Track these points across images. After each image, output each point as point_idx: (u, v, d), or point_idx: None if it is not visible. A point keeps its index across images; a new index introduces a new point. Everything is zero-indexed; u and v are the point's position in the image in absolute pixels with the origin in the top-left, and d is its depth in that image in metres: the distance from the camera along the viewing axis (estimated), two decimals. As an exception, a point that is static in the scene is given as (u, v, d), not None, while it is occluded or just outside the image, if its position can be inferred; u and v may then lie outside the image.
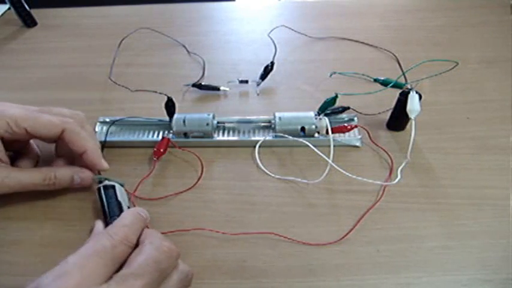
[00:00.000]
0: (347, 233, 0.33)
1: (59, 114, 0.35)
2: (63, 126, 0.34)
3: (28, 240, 0.34)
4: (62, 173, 0.35)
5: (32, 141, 0.39)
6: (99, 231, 0.30)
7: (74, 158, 0.37)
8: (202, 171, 0.39)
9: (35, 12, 0.66)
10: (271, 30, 0.61)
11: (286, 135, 0.41)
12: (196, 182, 0.38)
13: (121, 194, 0.34)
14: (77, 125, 0.35)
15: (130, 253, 0.26)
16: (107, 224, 0.31)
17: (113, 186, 0.34)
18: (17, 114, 0.33)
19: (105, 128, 0.44)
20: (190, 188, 0.38)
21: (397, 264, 0.31)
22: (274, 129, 0.42)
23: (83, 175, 0.36)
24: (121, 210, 0.32)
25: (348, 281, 0.31)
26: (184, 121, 0.41)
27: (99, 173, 0.37)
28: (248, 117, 0.44)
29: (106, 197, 0.33)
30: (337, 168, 0.37)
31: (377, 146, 0.41)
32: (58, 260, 0.24)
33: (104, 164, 0.36)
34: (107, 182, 0.34)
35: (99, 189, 0.34)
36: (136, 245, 0.27)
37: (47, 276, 0.23)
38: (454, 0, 0.69)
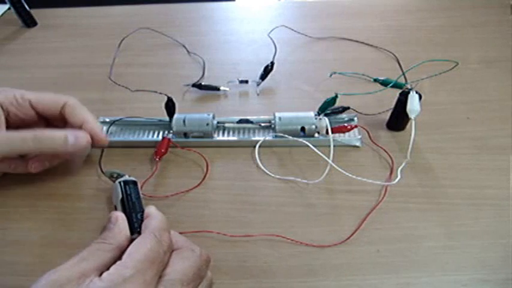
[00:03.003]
0: (351, 235, 0.33)
1: None
2: (66, 99, 0.36)
3: (28, 240, 0.34)
4: (55, 131, 0.34)
5: None
6: (121, 223, 0.28)
7: None
8: (207, 169, 0.39)
9: (35, 12, 0.66)
10: (271, 30, 0.61)
11: (286, 135, 0.41)
12: (202, 181, 0.38)
13: None
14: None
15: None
16: (127, 218, 0.30)
17: (135, 182, 0.34)
18: (23, 90, 0.35)
19: (105, 128, 0.44)
20: (197, 186, 0.38)
21: (397, 264, 0.31)
22: (274, 129, 0.42)
23: (77, 134, 0.34)
24: (141, 207, 0.32)
25: (348, 281, 0.31)
26: (184, 121, 0.41)
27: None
28: (248, 117, 0.44)
29: (131, 192, 0.32)
30: (337, 168, 0.37)
31: (377, 146, 0.41)
32: (58, 260, 0.24)
33: (103, 137, 0.36)
34: (127, 177, 0.34)
35: (120, 183, 0.33)
36: None
37: (98, 286, 0.22)
38: (454, 0, 0.69)
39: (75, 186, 0.36)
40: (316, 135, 0.42)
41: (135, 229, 0.29)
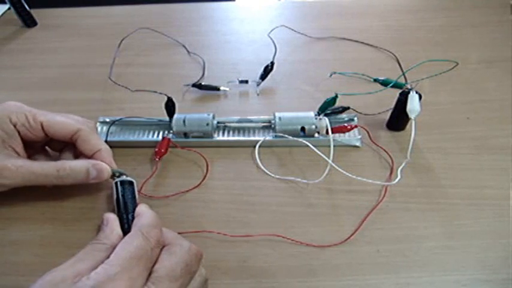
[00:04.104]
0: (351, 235, 0.33)
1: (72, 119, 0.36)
2: (78, 126, 0.35)
3: (28, 240, 0.34)
4: (77, 164, 0.34)
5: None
6: (112, 223, 0.29)
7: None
8: (207, 170, 0.39)
9: (35, 12, 0.66)
10: (271, 30, 0.61)
11: (286, 135, 0.41)
12: (202, 181, 0.38)
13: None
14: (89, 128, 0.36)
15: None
16: (120, 218, 0.31)
17: (131, 182, 0.34)
18: (34, 110, 0.35)
19: (105, 128, 0.44)
20: (196, 187, 0.38)
21: (397, 264, 0.31)
22: (274, 129, 0.42)
23: (99, 167, 0.34)
24: (135, 207, 0.32)
25: (348, 281, 0.31)
26: (184, 121, 0.41)
27: None
28: (248, 117, 0.44)
29: (124, 192, 0.33)
30: (337, 168, 0.37)
31: (377, 146, 0.41)
32: (58, 260, 0.24)
33: (115, 166, 0.36)
34: (124, 177, 0.34)
35: (116, 183, 0.34)
36: None
37: (85, 284, 0.22)
38: (454, 0, 0.69)
39: (75, 186, 0.35)
40: (316, 135, 0.42)
41: (126, 229, 0.29)
